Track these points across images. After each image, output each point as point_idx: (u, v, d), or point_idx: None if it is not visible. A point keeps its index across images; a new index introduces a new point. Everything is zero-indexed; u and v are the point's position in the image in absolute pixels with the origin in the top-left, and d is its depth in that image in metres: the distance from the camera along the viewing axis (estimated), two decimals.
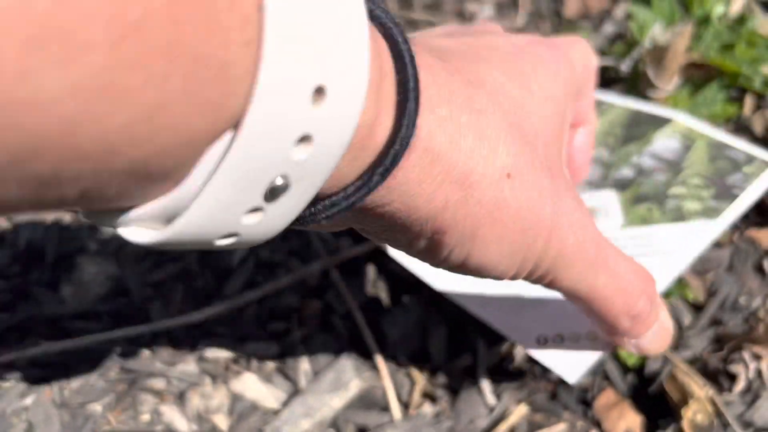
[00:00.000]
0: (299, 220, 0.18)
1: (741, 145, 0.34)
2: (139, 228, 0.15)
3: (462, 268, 0.22)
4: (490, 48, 0.24)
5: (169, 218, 0.15)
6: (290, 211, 0.16)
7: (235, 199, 0.15)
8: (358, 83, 0.15)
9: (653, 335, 0.28)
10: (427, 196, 0.19)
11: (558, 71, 0.26)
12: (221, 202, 0.15)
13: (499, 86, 0.22)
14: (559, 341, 0.31)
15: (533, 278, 0.24)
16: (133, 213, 0.14)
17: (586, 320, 0.29)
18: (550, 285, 0.25)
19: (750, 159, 0.33)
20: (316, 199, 0.17)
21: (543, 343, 0.31)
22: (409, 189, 0.18)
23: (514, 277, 0.24)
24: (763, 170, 0.32)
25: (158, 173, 0.13)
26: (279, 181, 0.15)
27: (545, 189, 0.22)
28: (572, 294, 0.25)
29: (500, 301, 0.34)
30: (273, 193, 0.15)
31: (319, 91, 0.14)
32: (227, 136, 0.14)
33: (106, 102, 0.11)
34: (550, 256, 0.23)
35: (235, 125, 0.13)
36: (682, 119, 0.37)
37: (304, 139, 0.15)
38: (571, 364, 0.30)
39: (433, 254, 0.22)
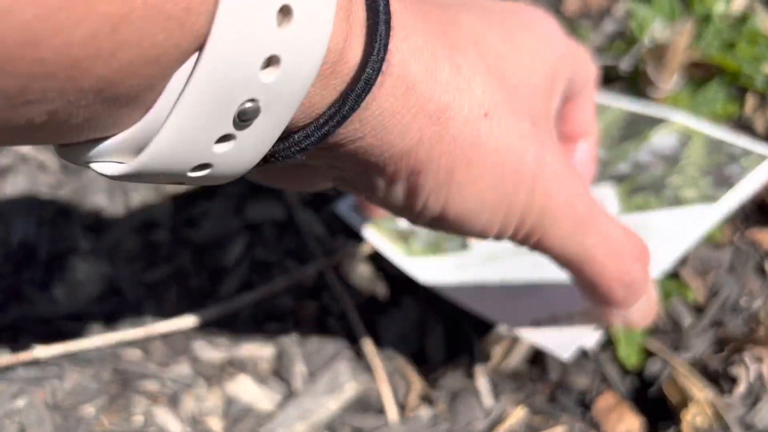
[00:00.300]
0: (274, 156, 0.17)
1: (738, 140, 0.34)
2: (112, 163, 0.15)
3: (442, 220, 0.21)
4: (471, 1, 0.23)
5: (140, 149, 0.14)
6: (262, 140, 0.16)
7: (204, 124, 0.15)
8: (325, 4, 0.15)
9: (642, 308, 0.27)
10: (402, 128, 0.18)
11: (550, 35, 0.25)
12: (190, 127, 0.14)
13: (479, 33, 0.21)
14: (552, 323, 0.30)
15: (520, 237, 0.23)
16: (105, 144, 0.14)
17: (579, 301, 0.28)
18: (538, 246, 0.24)
19: (747, 153, 0.33)
20: (289, 132, 0.17)
21: (535, 325, 0.31)
22: (383, 120, 0.18)
23: (499, 235, 0.23)
24: (760, 162, 0.32)
25: (126, 95, 0.13)
26: (248, 105, 0.15)
27: (527, 135, 0.21)
28: (562, 257, 0.24)
29: (489, 290, 0.33)
30: (243, 118, 0.15)
31: (285, 11, 0.14)
32: (194, 58, 0.14)
33: (66, 10, 0.11)
34: (535, 208, 0.22)
35: (201, 47, 0.13)
36: (680, 118, 0.37)
37: (272, 60, 0.14)
38: (563, 342, 0.30)
39: (410, 203, 0.21)
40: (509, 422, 0.34)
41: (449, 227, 0.22)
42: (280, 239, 0.40)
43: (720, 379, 0.35)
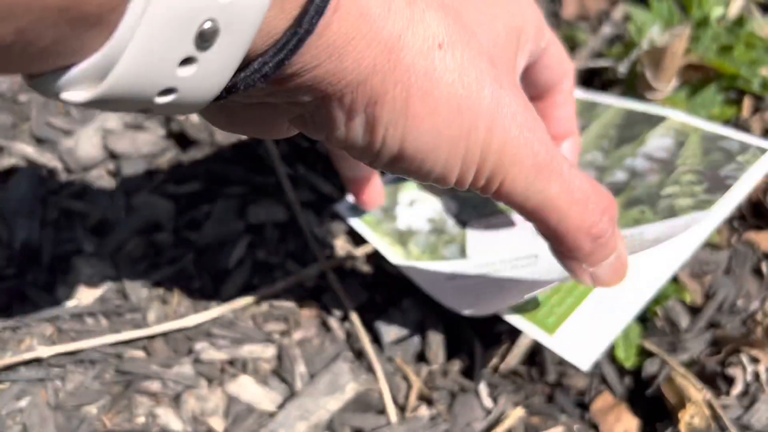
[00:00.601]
0: (237, 86, 0.18)
1: (735, 134, 0.34)
2: (81, 92, 0.15)
3: (402, 159, 0.21)
4: None
5: (107, 75, 0.15)
6: (224, 63, 0.17)
7: (166, 45, 0.15)
8: None
9: (611, 266, 0.27)
10: (356, 56, 0.18)
11: (516, 4, 0.25)
12: (152, 49, 0.15)
13: None
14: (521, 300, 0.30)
15: (482, 182, 0.23)
16: (73, 72, 0.15)
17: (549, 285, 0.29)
18: (501, 194, 0.23)
19: (744, 148, 0.33)
20: (249, 61, 0.17)
21: (503, 307, 0.31)
22: (338, 47, 0.18)
23: (461, 180, 0.22)
24: (758, 158, 0.32)
25: (90, 15, 0.14)
26: (207, 26, 0.15)
27: (484, 72, 0.21)
28: (526, 206, 0.24)
29: (457, 279, 0.34)
30: (203, 39, 0.16)
31: None
32: None
33: None
34: (494, 147, 0.21)
35: None
36: (676, 115, 0.37)
37: None
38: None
39: (369, 139, 0.21)
40: (508, 423, 0.34)
41: (410, 168, 0.22)
42: (282, 241, 0.40)
43: (717, 380, 0.35)
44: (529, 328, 0.31)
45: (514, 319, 0.32)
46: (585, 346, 0.29)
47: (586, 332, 0.30)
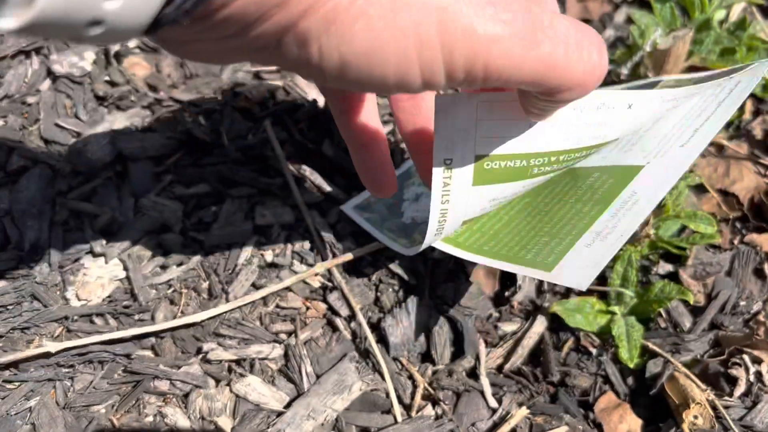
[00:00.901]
0: (161, 21, 0.18)
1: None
2: (9, 17, 0.16)
3: (346, 72, 0.20)
4: None
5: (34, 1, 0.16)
6: None
7: None
8: None
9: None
10: None
11: None
12: None
13: None
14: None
15: (461, 77, 0.21)
16: None
17: None
18: (491, 79, 0.21)
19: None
20: None
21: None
22: None
23: (431, 82, 0.21)
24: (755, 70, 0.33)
25: None
26: None
27: None
28: (523, 80, 0.22)
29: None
30: None
31: None
32: None
33: None
34: (457, 35, 0.20)
35: None
36: (669, 77, 0.38)
37: None
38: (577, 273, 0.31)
39: (307, 58, 0.20)
40: (512, 422, 0.34)
41: (361, 78, 0.21)
42: (288, 241, 0.41)
43: (720, 381, 0.35)
44: (526, 271, 0.32)
45: (513, 267, 0.32)
46: (583, 272, 0.30)
47: (583, 261, 0.31)
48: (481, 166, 0.28)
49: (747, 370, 0.35)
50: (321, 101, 0.47)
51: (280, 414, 0.34)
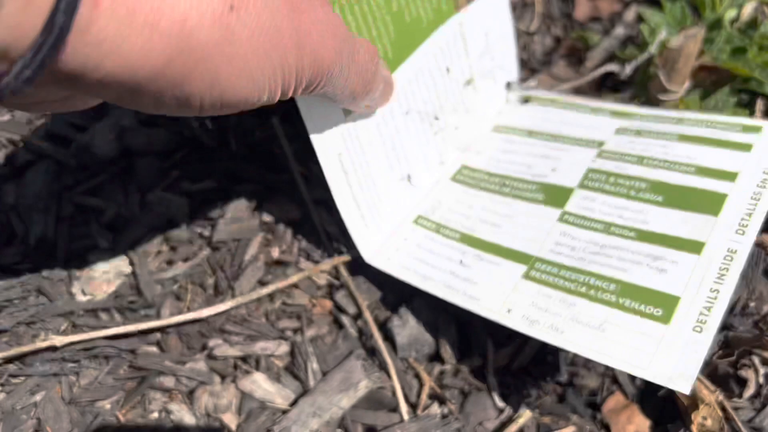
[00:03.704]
0: (6, 89, 0.16)
1: None
2: None
3: (226, 108, 0.22)
4: None
5: None
6: None
7: None
8: None
9: (382, 92, 0.32)
10: (142, 52, 0.17)
11: None
12: None
13: None
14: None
15: (294, 90, 0.24)
16: None
17: None
18: (312, 93, 0.25)
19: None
20: (12, 63, 0.16)
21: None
22: (115, 46, 0.17)
23: (275, 93, 0.23)
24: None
25: None
26: None
27: (278, 9, 0.21)
28: (339, 99, 0.28)
29: None
30: None
31: None
32: None
33: None
34: (306, 63, 0.23)
35: None
36: None
37: None
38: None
39: (191, 110, 0.21)
40: (520, 422, 0.34)
41: (237, 108, 0.22)
42: (295, 238, 0.41)
43: (729, 382, 0.35)
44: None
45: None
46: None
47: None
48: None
49: (756, 371, 0.35)
50: None
51: (285, 411, 0.34)
